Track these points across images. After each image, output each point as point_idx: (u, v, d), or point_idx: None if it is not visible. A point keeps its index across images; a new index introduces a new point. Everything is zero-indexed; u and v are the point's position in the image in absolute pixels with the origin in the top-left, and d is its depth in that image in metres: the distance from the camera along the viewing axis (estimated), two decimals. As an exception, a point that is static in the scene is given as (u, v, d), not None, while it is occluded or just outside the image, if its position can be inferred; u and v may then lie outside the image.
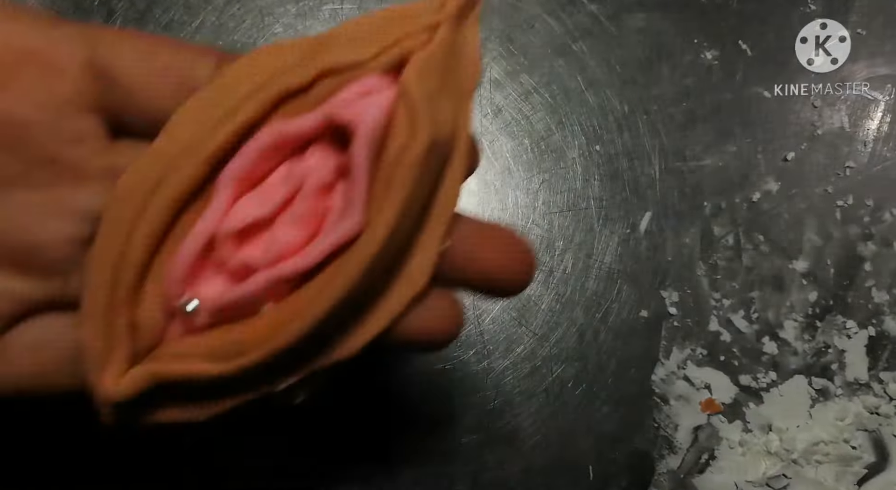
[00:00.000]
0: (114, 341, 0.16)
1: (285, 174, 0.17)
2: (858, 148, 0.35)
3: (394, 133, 0.16)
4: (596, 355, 0.33)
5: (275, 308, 0.17)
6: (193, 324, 0.17)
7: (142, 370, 0.16)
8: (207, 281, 0.17)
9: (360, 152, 0.16)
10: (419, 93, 0.16)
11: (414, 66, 0.17)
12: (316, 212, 0.17)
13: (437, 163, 0.17)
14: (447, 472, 0.32)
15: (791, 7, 0.35)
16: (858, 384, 0.34)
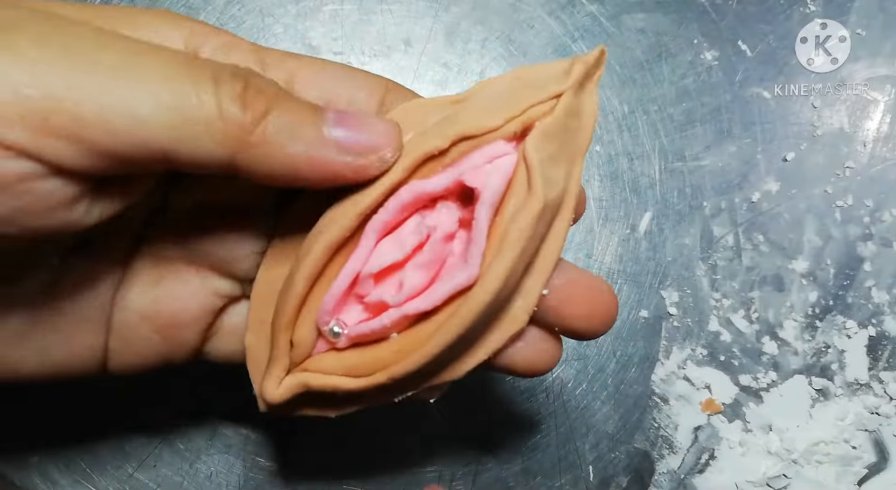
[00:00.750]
0: (277, 353, 0.21)
1: (417, 224, 0.21)
2: (858, 148, 0.35)
3: (512, 193, 0.19)
4: (596, 355, 0.33)
5: (400, 337, 0.21)
6: (336, 344, 0.21)
7: (295, 381, 0.21)
8: (349, 311, 0.21)
9: (482, 215, 0.19)
10: (538, 159, 0.19)
11: (535, 135, 0.19)
12: (439, 257, 0.21)
13: (547, 220, 0.20)
14: (447, 472, 0.32)
15: (791, 7, 0.35)
16: (858, 384, 0.34)
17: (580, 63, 0.20)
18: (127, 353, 0.22)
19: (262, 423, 0.32)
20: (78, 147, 0.16)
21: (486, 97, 0.21)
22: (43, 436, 0.31)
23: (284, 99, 0.19)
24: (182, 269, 0.22)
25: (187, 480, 0.31)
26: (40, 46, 0.16)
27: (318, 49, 0.34)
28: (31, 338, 0.21)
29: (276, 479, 0.32)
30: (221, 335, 0.24)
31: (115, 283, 0.22)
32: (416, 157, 0.20)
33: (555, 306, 0.21)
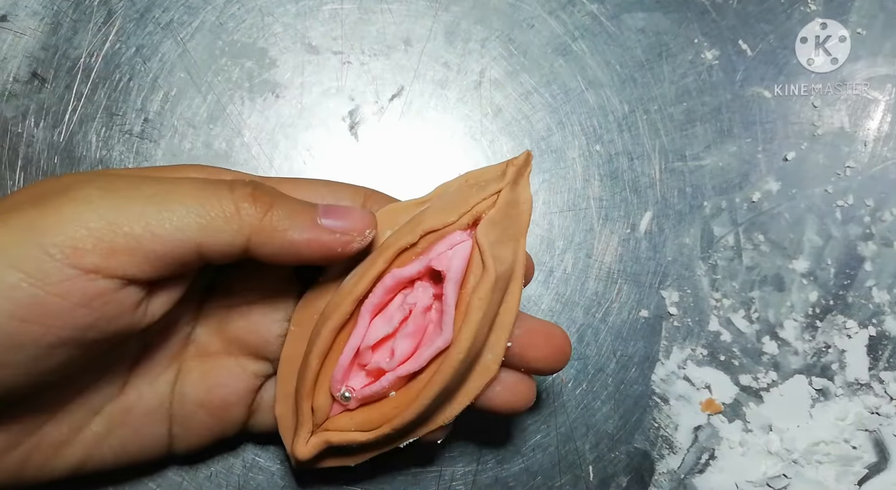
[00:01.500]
0: (302, 419, 0.26)
1: (401, 302, 0.26)
2: (858, 148, 0.35)
3: (471, 271, 0.25)
4: (596, 355, 0.33)
5: (398, 395, 0.26)
6: (347, 406, 0.26)
7: (318, 439, 0.26)
8: (355, 377, 0.26)
9: (449, 291, 0.25)
10: (487, 243, 0.25)
11: (484, 224, 0.25)
12: (421, 327, 0.26)
13: (502, 287, 0.25)
14: (447, 471, 0.32)
15: (791, 7, 0.35)
16: (859, 384, 0.34)
17: (512, 166, 0.26)
18: (189, 436, 0.28)
19: (262, 422, 0.32)
20: (136, 258, 0.22)
21: (443, 198, 0.26)
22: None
23: (284, 198, 0.24)
24: (223, 359, 0.28)
25: (187, 480, 0.31)
26: (103, 194, 0.22)
27: (318, 48, 0.34)
28: (110, 436, 0.26)
29: (276, 480, 0.32)
30: (261, 410, 0.29)
31: (171, 380, 0.27)
32: (394, 251, 0.25)
33: (518, 353, 0.27)
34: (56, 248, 0.21)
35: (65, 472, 0.26)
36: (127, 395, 0.26)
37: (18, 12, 0.33)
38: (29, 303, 0.20)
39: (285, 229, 0.24)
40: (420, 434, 0.27)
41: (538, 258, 0.34)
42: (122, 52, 0.34)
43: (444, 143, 0.34)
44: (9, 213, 0.21)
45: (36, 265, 0.21)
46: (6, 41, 0.33)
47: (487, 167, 0.27)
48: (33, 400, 0.24)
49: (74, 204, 0.21)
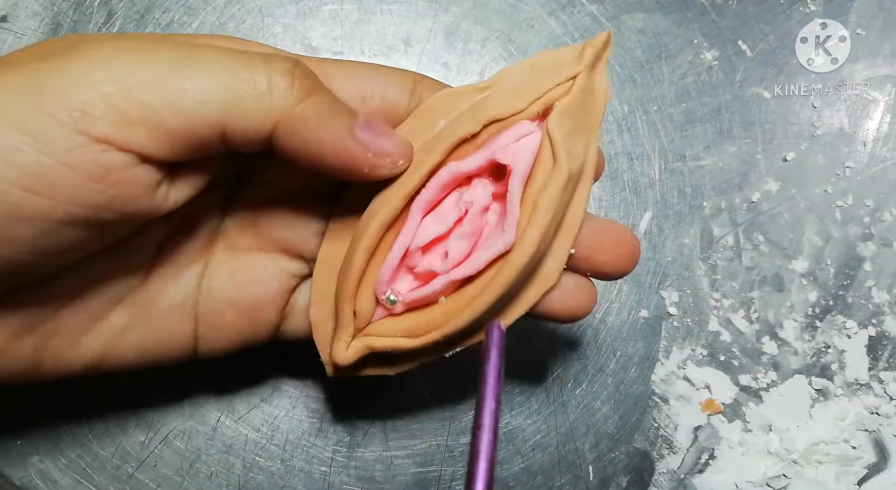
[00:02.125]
0: (343, 322, 0.24)
1: (456, 200, 0.23)
2: (858, 148, 0.35)
3: (539, 167, 0.22)
4: (596, 355, 0.33)
5: (449, 300, 0.23)
6: (393, 310, 0.24)
7: (361, 344, 0.24)
8: (401, 281, 0.24)
9: (514, 188, 0.22)
10: (560, 135, 0.22)
11: (556, 114, 0.22)
12: (478, 228, 0.23)
13: (572, 187, 0.23)
14: (447, 472, 0.32)
15: (791, 7, 0.35)
16: (858, 384, 0.34)
17: (590, 47, 0.23)
18: (216, 338, 0.25)
19: (262, 424, 0.32)
20: (153, 132, 0.19)
21: (509, 83, 0.23)
22: (43, 435, 0.31)
23: (325, 90, 0.22)
24: (256, 255, 0.25)
25: (187, 480, 0.31)
26: (116, 53, 0.19)
27: (318, 49, 0.34)
28: (131, 330, 0.24)
29: (276, 480, 0.32)
30: (294, 313, 0.26)
31: (198, 275, 0.25)
32: (452, 142, 0.22)
33: (586, 256, 0.25)
34: (63, 110, 0.18)
35: (83, 364, 0.24)
36: (149, 288, 0.24)
37: (19, 13, 0.34)
38: (34, 170, 0.18)
39: (318, 126, 0.21)
40: (469, 343, 0.24)
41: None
42: (123, 52, 0.34)
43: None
44: (8, 68, 0.19)
45: (40, 128, 0.18)
46: (6, 42, 0.33)
47: (560, 48, 0.24)
48: (48, 283, 0.22)
49: (84, 61, 0.19)
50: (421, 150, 0.23)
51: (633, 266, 0.25)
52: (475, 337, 0.24)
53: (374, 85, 0.24)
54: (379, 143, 0.22)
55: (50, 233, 0.19)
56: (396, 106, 0.24)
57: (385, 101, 0.24)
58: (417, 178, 0.22)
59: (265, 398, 0.32)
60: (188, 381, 0.32)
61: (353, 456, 0.32)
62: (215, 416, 0.32)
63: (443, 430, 0.32)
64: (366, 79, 0.24)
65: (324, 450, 0.32)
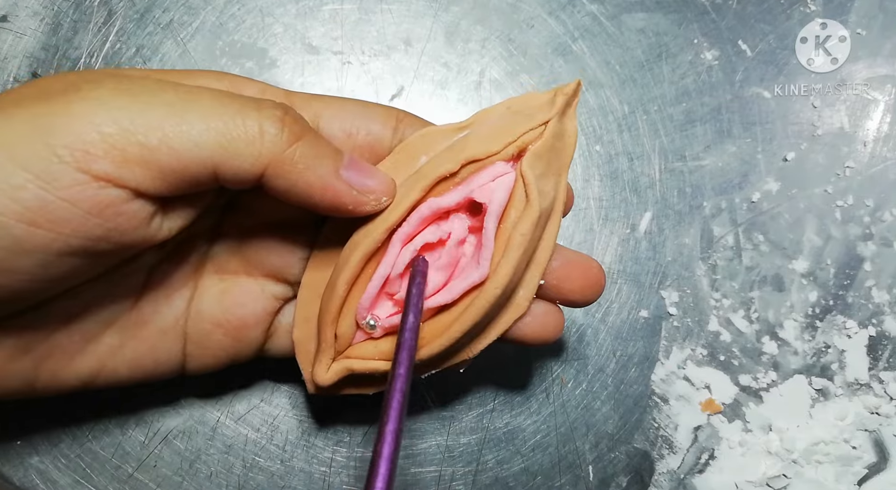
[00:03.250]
0: (324, 346, 0.25)
1: (433, 231, 0.25)
2: (858, 148, 0.35)
3: (513, 205, 0.24)
4: (596, 355, 0.33)
5: (426, 326, 0.25)
6: (372, 334, 0.25)
7: (340, 366, 0.25)
8: (381, 306, 0.25)
9: (490, 224, 0.24)
10: (532, 176, 0.23)
11: (529, 156, 0.24)
12: (454, 260, 0.25)
13: (543, 223, 0.24)
14: (447, 472, 0.32)
15: (791, 7, 0.35)
16: (858, 384, 0.34)
17: (561, 94, 0.24)
18: (203, 356, 0.27)
19: (262, 424, 0.32)
20: (149, 171, 0.20)
21: (486, 125, 0.25)
22: (43, 436, 0.31)
23: (313, 134, 0.23)
24: (243, 279, 0.27)
25: (187, 480, 0.31)
26: (115, 95, 0.20)
27: (318, 49, 0.34)
28: (123, 349, 0.25)
29: (276, 480, 0.32)
30: (278, 333, 0.28)
31: (187, 296, 0.26)
32: (432, 179, 0.24)
33: (555, 285, 0.26)
34: (65, 149, 0.19)
35: (78, 381, 0.25)
36: (141, 310, 0.26)
37: (19, 13, 0.34)
38: (37, 206, 0.19)
39: (306, 169, 0.22)
40: (443, 366, 0.26)
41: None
42: (123, 52, 0.34)
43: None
44: (12, 107, 0.20)
45: (43, 166, 0.19)
46: (6, 41, 0.33)
47: (532, 94, 0.26)
48: (44, 307, 0.23)
49: (85, 103, 0.20)
50: (403, 186, 0.25)
51: (598, 295, 0.27)
52: (450, 360, 0.26)
53: (359, 122, 0.25)
54: (363, 182, 0.23)
55: (49, 263, 0.20)
56: (380, 141, 0.26)
57: (370, 136, 0.25)
58: (399, 213, 0.24)
59: (265, 398, 0.32)
60: (188, 382, 0.32)
61: (352, 456, 0.32)
62: (215, 416, 0.32)
63: (442, 431, 0.32)
64: (351, 116, 0.25)
65: (323, 450, 0.32)
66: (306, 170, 0.22)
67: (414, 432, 0.32)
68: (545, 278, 0.26)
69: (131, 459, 0.31)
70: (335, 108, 0.25)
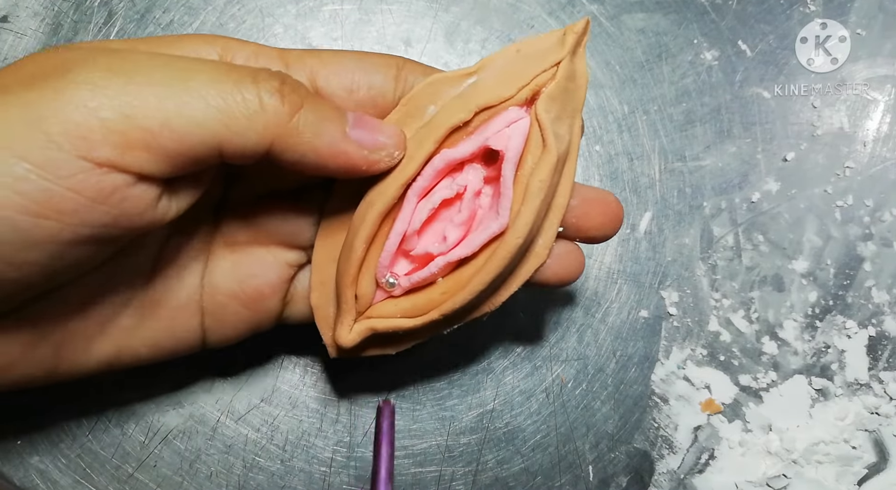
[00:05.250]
0: (345, 306, 0.25)
1: (448, 184, 0.24)
2: (858, 148, 0.35)
3: (529, 151, 0.23)
4: (596, 355, 0.33)
5: (445, 281, 0.25)
6: (392, 293, 0.25)
7: (363, 326, 0.25)
8: (399, 264, 0.25)
9: (507, 172, 0.23)
10: (548, 120, 0.23)
11: (543, 99, 0.23)
12: (472, 213, 0.24)
13: (559, 169, 0.24)
14: (447, 472, 0.32)
15: (791, 7, 0.35)
16: (858, 384, 0.34)
17: (571, 33, 0.24)
18: (222, 328, 0.27)
19: (262, 424, 0.32)
20: (153, 154, 0.20)
21: (496, 70, 0.24)
22: (43, 436, 0.31)
23: (313, 98, 0.22)
24: (255, 249, 0.26)
25: (187, 480, 0.31)
26: (108, 77, 0.20)
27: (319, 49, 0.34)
28: (141, 329, 0.25)
29: (276, 480, 0.32)
30: (295, 300, 0.27)
31: (199, 271, 0.26)
32: (445, 130, 0.23)
33: (574, 223, 0.26)
34: (63, 136, 0.19)
35: (98, 364, 0.25)
36: (154, 288, 0.25)
37: (19, 13, 0.34)
38: (41, 197, 0.19)
39: (313, 136, 0.22)
40: (466, 320, 0.26)
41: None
42: (123, 52, 0.34)
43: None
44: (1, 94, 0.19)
45: (43, 155, 0.19)
46: (7, 42, 0.33)
47: (541, 35, 0.25)
48: (57, 293, 0.23)
49: (78, 88, 0.19)
50: (413, 140, 0.24)
51: (617, 229, 0.27)
52: (472, 314, 0.26)
53: (359, 76, 0.24)
54: (373, 139, 0.23)
55: (59, 253, 0.20)
56: (384, 93, 0.24)
57: (372, 89, 0.24)
58: (413, 168, 0.23)
59: (265, 398, 0.32)
60: (188, 382, 0.32)
61: (352, 456, 0.32)
62: (215, 416, 0.32)
63: (442, 431, 0.32)
64: (350, 70, 0.24)
65: (324, 450, 0.32)
66: (314, 137, 0.22)
67: (414, 432, 0.32)
68: (565, 217, 0.25)
69: (131, 459, 0.31)
70: (332, 64, 0.24)
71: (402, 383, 0.33)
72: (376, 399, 0.32)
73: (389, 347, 0.27)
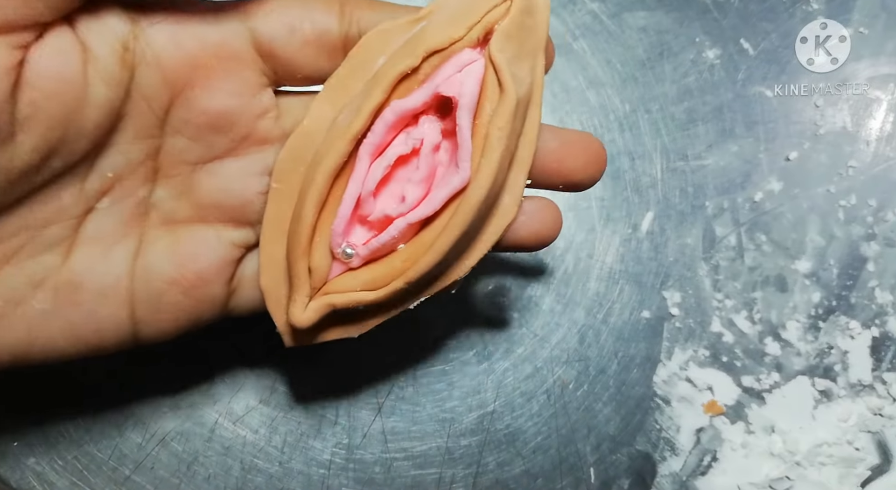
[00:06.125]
0: (297, 282, 0.22)
1: (403, 140, 0.22)
2: (861, 147, 0.35)
3: (486, 96, 0.21)
4: (597, 356, 0.33)
5: (407, 247, 0.22)
6: (350, 264, 0.23)
7: (320, 302, 0.22)
8: (356, 233, 0.23)
9: (463, 121, 0.21)
10: (503, 60, 0.21)
11: (497, 37, 0.21)
12: (432, 169, 0.22)
13: (521, 114, 0.22)
14: (447, 474, 0.32)
15: (794, 5, 0.35)
16: (862, 385, 0.33)
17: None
18: (158, 320, 0.24)
19: (260, 425, 0.32)
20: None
21: (446, 12, 0.22)
22: (39, 437, 0.31)
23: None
24: (195, 227, 0.24)
25: (185, 482, 0.31)
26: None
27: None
28: (57, 316, 0.22)
29: (275, 482, 0.31)
30: (243, 287, 0.25)
31: (130, 253, 0.23)
32: (391, 79, 0.21)
33: (555, 167, 0.24)
34: None
35: (9, 355, 0.22)
36: (72, 268, 0.22)
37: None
38: None
39: None
40: (434, 290, 0.24)
41: (539, 258, 0.34)
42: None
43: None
44: None
45: None
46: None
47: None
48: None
49: None
50: (362, 92, 0.22)
51: (601, 172, 0.25)
52: (439, 283, 0.23)
53: (298, 13, 0.23)
54: None
55: None
56: (328, 30, 0.23)
57: (315, 25, 0.23)
58: (361, 121, 0.21)
59: (263, 399, 0.32)
60: (185, 382, 0.32)
61: (351, 458, 0.32)
62: (213, 417, 0.32)
63: (442, 432, 0.32)
64: (288, 9, 0.23)
65: (322, 452, 0.32)
66: None
67: (414, 434, 0.32)
68: (545, 164, 0.23)
69: (128, 461, 0.31)
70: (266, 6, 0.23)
71: (401, 385, 0.32)
72: (375, 401, 0.32)
73: (352, 328, 0.24)
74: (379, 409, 0.32)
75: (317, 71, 0.23)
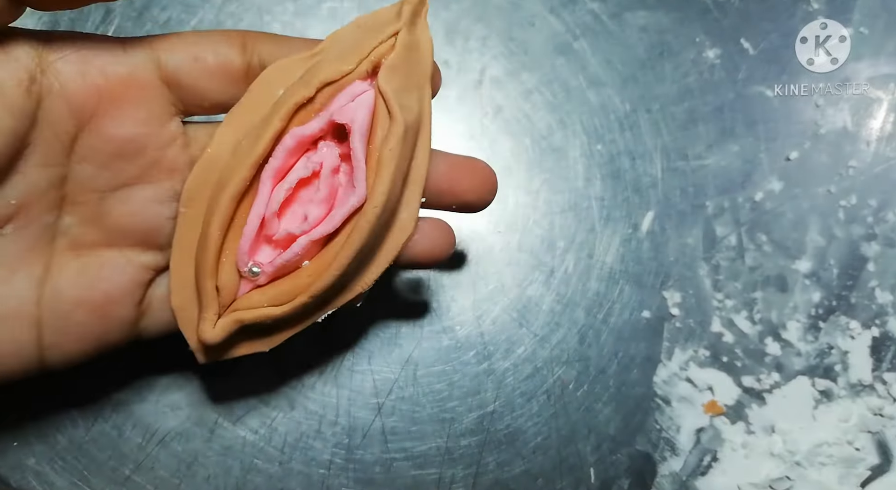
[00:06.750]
0: (206, 300, 0.24)
1: (303, 164, 0.24)
2: (861, 147, 0.34)
3: (377, 123, 0.23)
4: (597, 357, 0.33)
5: (311, 263, 0.24)
6: (257, 282, 0.24)
7: (228, 319, 0.24)
8: (262, 252, 0.24)
9: (356, 145, 0.23)
10: (391, 90, 0.23)
11: (384, 70, 0.23)
12: (332, 190, 0.24)
13: (411, 139, 0.24)
14: (447, 474, 0.32)
15: (794, 5, 0.35)
16: (862, 385, 0.33)
17: (407, 4, 0.24)
18: (65, 342, 0.24)
19: (260, 425, 0.32)
20: None
21: (337, 47, 0.24)
22: (39, 438, 0.31)
23: None
24: (104, 252, 0.24)
25: (185, 483, 0.31)
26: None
27: (317, 47, 0.34)
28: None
29: (275, 483, 0.31)
30: (153, 309, 0.25)
31: (34, 279, 0.23)
32: (289, 107, 0.23)
33: (448, 189, 0.26)
34: None
35: None
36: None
37: (15, 11, 0.33)
38: None
39: None
40: (339, 304, 0.25)
41: (539, 258, 0.34)
42: (120, 50, 0.33)
43: (443, 143, 0.34)
44: None
45: None
46: (3, 40, 0.33)
47: (379, 10, 0.25)
48: None
49: None
50: (262, 120, 0.24)
51: (493, 193, 0.27)
52: (344, 296, 0.25)
53: (202, 45, 0.24)
54: None
55: None
56: (230, 61, 0.24)
57: (218, 56, 0.24)
58: (262, 147, 0.23)
59: (263, 400, 0.32)
60: (185, 383, 0.32)
61: (351, 458, 0.32)
62: (213, 417, 0.32)
63: (442, 433, 0.32)
64: (192, 44, 0.24)
65: (322, 452, 0.32)
66: None
67: (413, 434, 0.32)
68: (437, 185, 0.25)
69: (128, 461, 0.31)
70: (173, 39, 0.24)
71: (401, 385, 0.32)
72: (375, 401, 0.32)
73: (261, 343, 0.26)
74: (379, 409, 0.32)
75: (222, 99, 0.24)
